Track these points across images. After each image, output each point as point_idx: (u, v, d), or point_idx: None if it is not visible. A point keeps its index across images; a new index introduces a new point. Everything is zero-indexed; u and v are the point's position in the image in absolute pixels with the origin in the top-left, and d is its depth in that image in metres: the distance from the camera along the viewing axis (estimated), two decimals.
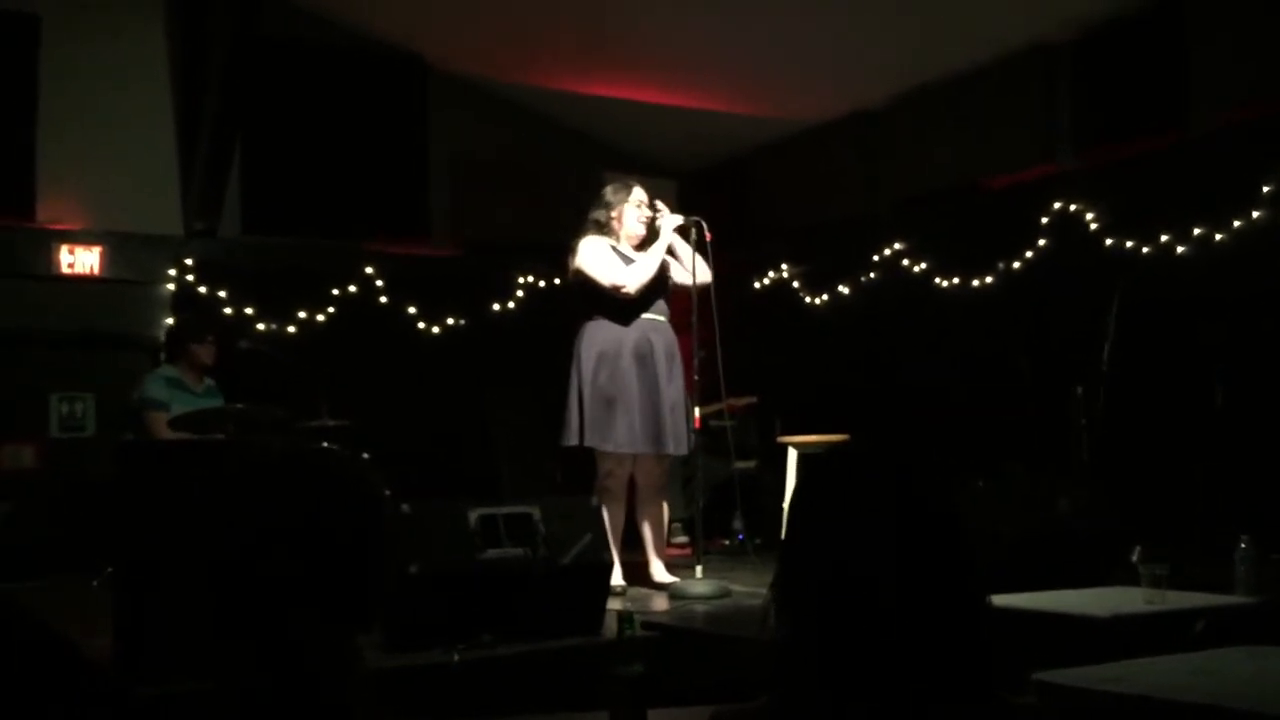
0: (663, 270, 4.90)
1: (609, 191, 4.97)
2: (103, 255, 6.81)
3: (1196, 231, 5.55)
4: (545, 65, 7.33)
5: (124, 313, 6.83)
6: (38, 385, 6.58)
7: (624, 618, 2.04)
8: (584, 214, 5.00)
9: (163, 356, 6.17)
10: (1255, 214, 5.35)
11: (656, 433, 4.73)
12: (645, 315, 4.83)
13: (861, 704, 1.23)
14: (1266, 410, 5.23)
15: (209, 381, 5.80)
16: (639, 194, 4.92)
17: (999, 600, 1.35)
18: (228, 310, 6.90)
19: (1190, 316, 5.51)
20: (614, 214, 4.90)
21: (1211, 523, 4.85)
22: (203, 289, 6.92)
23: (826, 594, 1.28)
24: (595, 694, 2.35)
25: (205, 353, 5.73)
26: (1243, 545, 3.87)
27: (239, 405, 5.41)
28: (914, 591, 1.26)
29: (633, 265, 4.80)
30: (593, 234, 4.88)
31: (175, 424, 5.26)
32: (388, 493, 1.45)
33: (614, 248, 4.86)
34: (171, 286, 6.91)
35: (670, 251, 4.92)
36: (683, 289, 4.93)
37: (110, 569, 4.07)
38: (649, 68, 7.15)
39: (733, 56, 6.76)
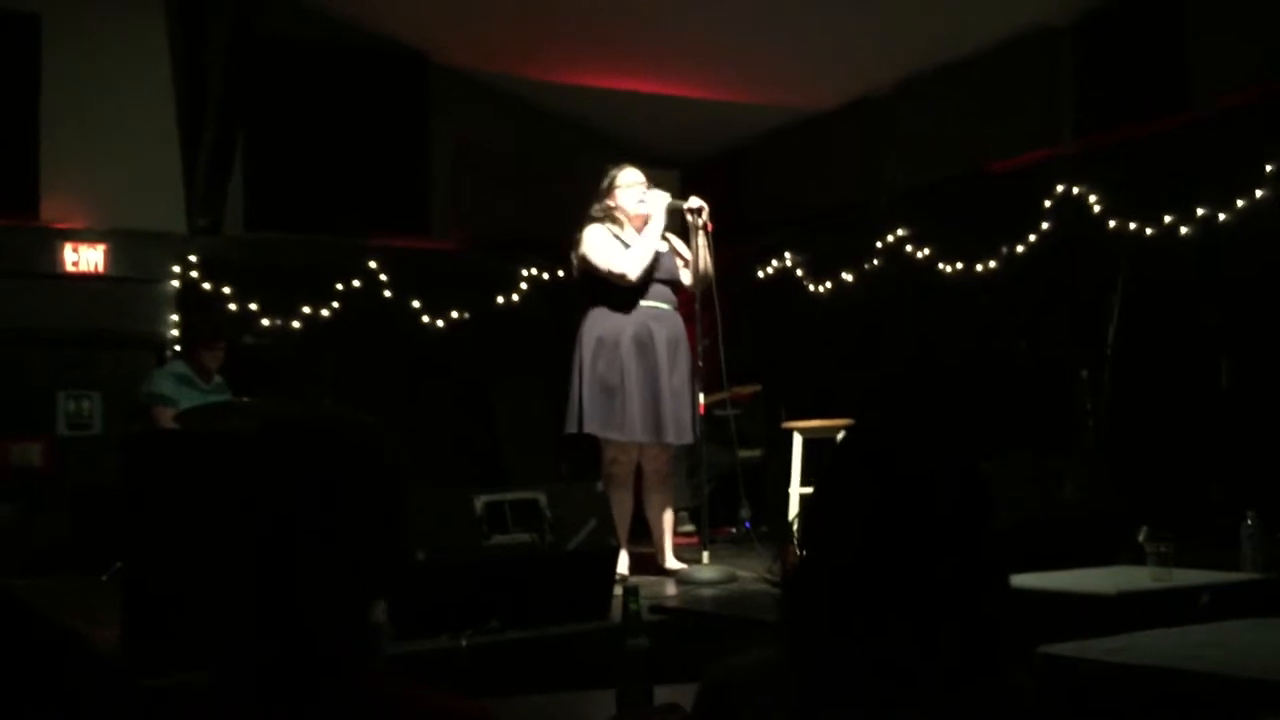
0: (666, 258, 4.89)
1: (604, 180, 4.98)
2: (107, 253, 6.82)
3: (1200, 212, 5.54)
4: (546, 58, 7.33)
5: (129, 310, 6.85)
6: (44, 384, 6.60)
7: (628, 591, 2.04)
8: (587, 208, 5.01)
9: (169, 354, 6.16)
10: (1259, 193, 5.34)
11: (656, 422, 4.71)
12: (647, 303, 4.81)
13: (868, 661, 1.23)
14: (1272, 390, 5.22)
15: (218, 379, 5.83)
16: (630, 175, 4.92)
17: None
18: (232, 306, 6.92)
19: (1194, 297, 5.50)
20: (610, 200, 4.90)
21: (1218, 504, 4.84)
22: (207, 286, 6.93)
23: (846, 561, 1.29)
24: (603, 676, 2.35)
25: (213, 358, 5.78)
26: (1249, 522, 3.87)
27: (245, 399, 5.42)
28: (935, 565, 1.26)
29: (630, 250, 4.80)
30: (594, 224, 4.89)
31: (182, 419, 5.28)
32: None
33: (616, 235, 4.86)
34: (176, 284, 6.93)
35: (673, 249, 4.93)
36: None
37: (119, 564, 4.08)
38: (650, 58, 7.14)
39: (734, 45, 6.75)
